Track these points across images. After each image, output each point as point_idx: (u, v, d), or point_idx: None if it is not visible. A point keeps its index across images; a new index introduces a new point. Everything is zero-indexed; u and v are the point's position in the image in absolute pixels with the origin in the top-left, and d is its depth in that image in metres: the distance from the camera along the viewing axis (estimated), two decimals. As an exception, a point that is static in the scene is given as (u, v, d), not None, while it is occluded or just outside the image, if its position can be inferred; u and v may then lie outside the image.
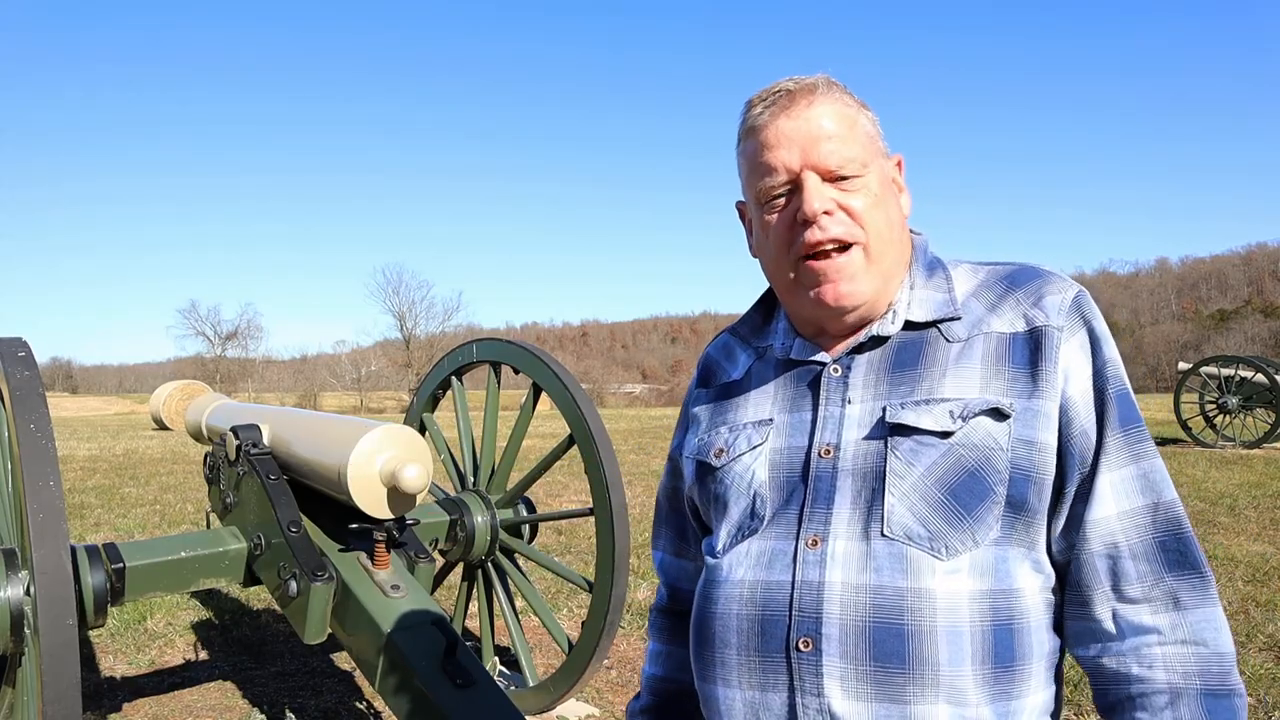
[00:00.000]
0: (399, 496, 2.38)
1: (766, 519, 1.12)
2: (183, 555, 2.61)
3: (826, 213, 1.09)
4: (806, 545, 1.06)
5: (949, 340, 1.12)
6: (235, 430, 2.77)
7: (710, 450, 1.22)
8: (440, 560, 3.55)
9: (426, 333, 70.31)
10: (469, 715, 1.96)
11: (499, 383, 3.82)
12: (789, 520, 1.10)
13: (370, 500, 2.36)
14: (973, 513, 1.03)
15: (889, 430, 1.07)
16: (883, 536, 1.03)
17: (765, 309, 1.31)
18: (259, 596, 5.60)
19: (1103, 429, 1.05)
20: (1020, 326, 1.09)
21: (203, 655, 4.65)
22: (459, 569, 3.82)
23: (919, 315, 1.14)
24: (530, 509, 3.56)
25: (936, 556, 1.02)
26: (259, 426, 2.79)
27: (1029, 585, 1.04)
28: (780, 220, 1.14)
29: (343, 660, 4.45)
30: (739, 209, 1.27)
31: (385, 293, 73.61)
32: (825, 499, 1.08)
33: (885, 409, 1.09)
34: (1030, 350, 1.07)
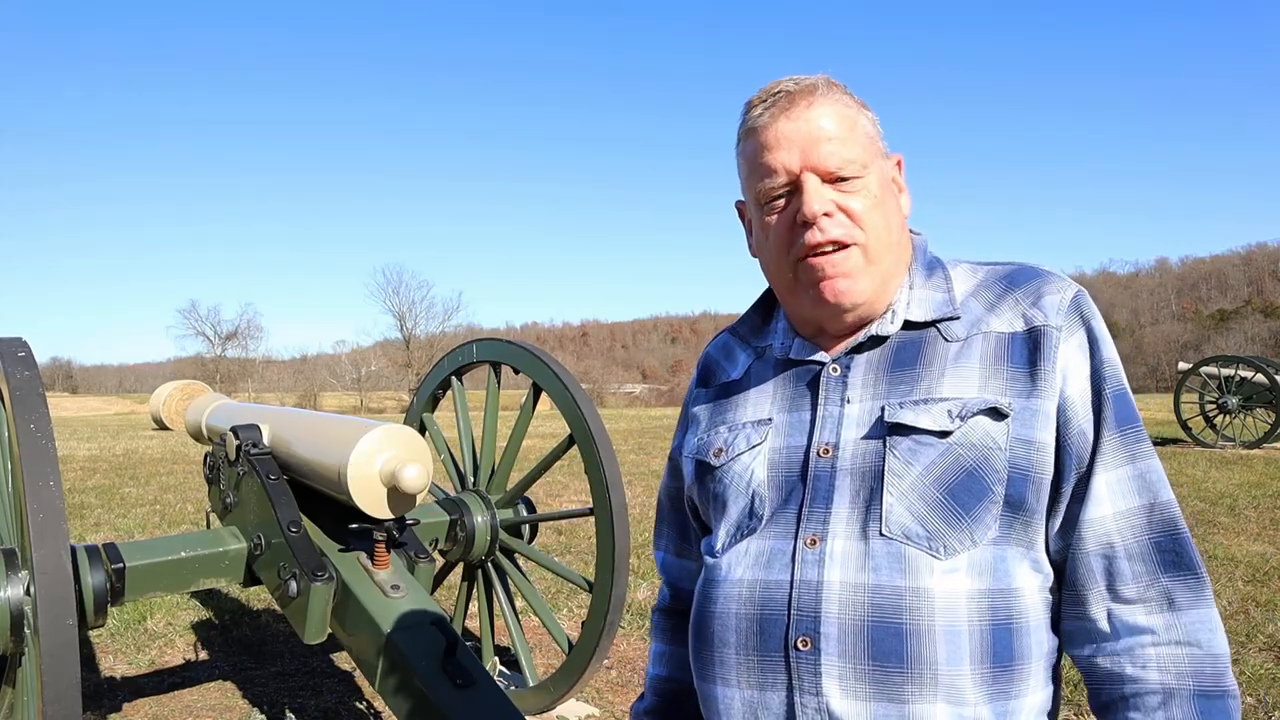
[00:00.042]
0: (399, 496, 2.38)
1: (765, 518, 1.12)
2: (183, 555, 2.61)
3: (826, 214, 1.09)
4: (805, 544, 1.06)
5: (948, 340, 1.12)
6: (235, 430, 2.77)
7: (709, 450, 1.22)
8: (440, 560, 3.56)
9: (426, 333, 70.36)
10: (469, 715, 1.96)
11: (499, 383, 3.82)
12: (788, 519, 1.10)
13: (370, 500, 2.36)
14: (971, 512, 1.03)
15: (887, 430, 1.07)
16: (881, 536, 1.03)
17: (765, 309, 1.31)
18: (259, 596, 5.60)
19: (1100, 429, 1.05)
20: (1019, 326, 1.10)
21: (203, 655, 4.65)
22: (459, 569, 3.82)
23: (918, 315, 1.14)
24: (530, 509, 3.56)
25: (935, 556, 1.02)
26: (259, 426, 2.79)
27: (1027, 585, 1.04)
28: (780, 221, 1.14)
29: (343, 660, 4.45)
30: (738, 208, 1.27)
31: (385, 293, 73.78)
32: (824, 498, 1.08)
33: (884, 408, 1.09)
34: (1029, 350, 1.07)
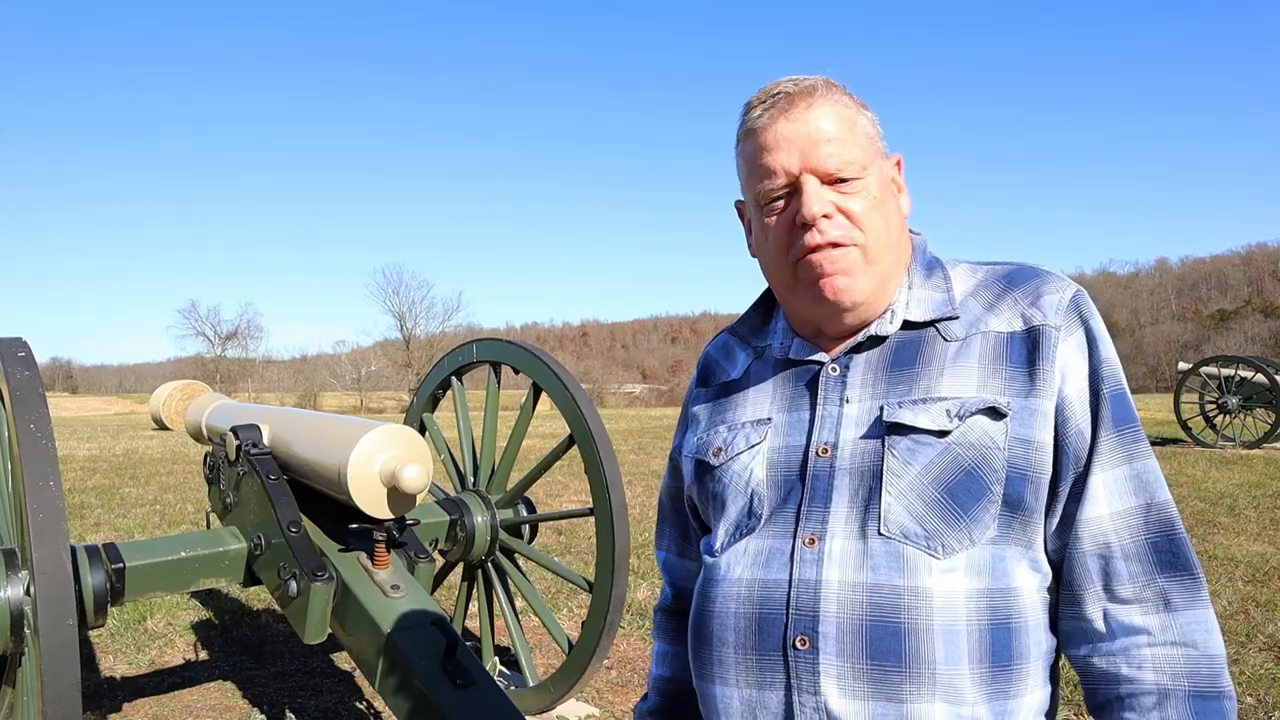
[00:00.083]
0: (399, 496, 2.38)
1: (764, 518, 1.12)
2: (183, 555, 2.61)
3: (825, 216, 1.09)
4: (804, 544, 1.06)
5: (947, 339, 1.12)
6: (235, 430, 2.78)
7: (709, 449, 1.22)
8: (440, 560, 3.56)
9: (426, 333, 70.34)
10: (469, 715, 1.96)
11: (499, 383, 3.82)
12: (786, 519, 1.10)
13: (370, 500, 2.36)
14: (969, 511, 1.03)
15: (886, 429, 1.07)
16: (879, 535, 1.03)
17: (764, 309, 1.32)
18: (259, 596, 5.60)
19: (1097, 429, 1.05)
20: (1018, 326, 1.10)
21: (203, 655, 4.65)
22: (459, 569, 3.82)
23: (917, 315, 1.14)
24: (530, 509, 3.56)
25: (933, 555, 1.02)
26: (259, 426, 2.79)
27: (1026, 584, 1.04)
28: (779, 223, 1.14)
29: (343, 660, 4.45)
30: (738, 208, 1.27)
31: (385, 293, 73.68)
32: (822, 498, 1.08)
33: (883, 408, 1.09)
34: (1028, 349, 1.07)
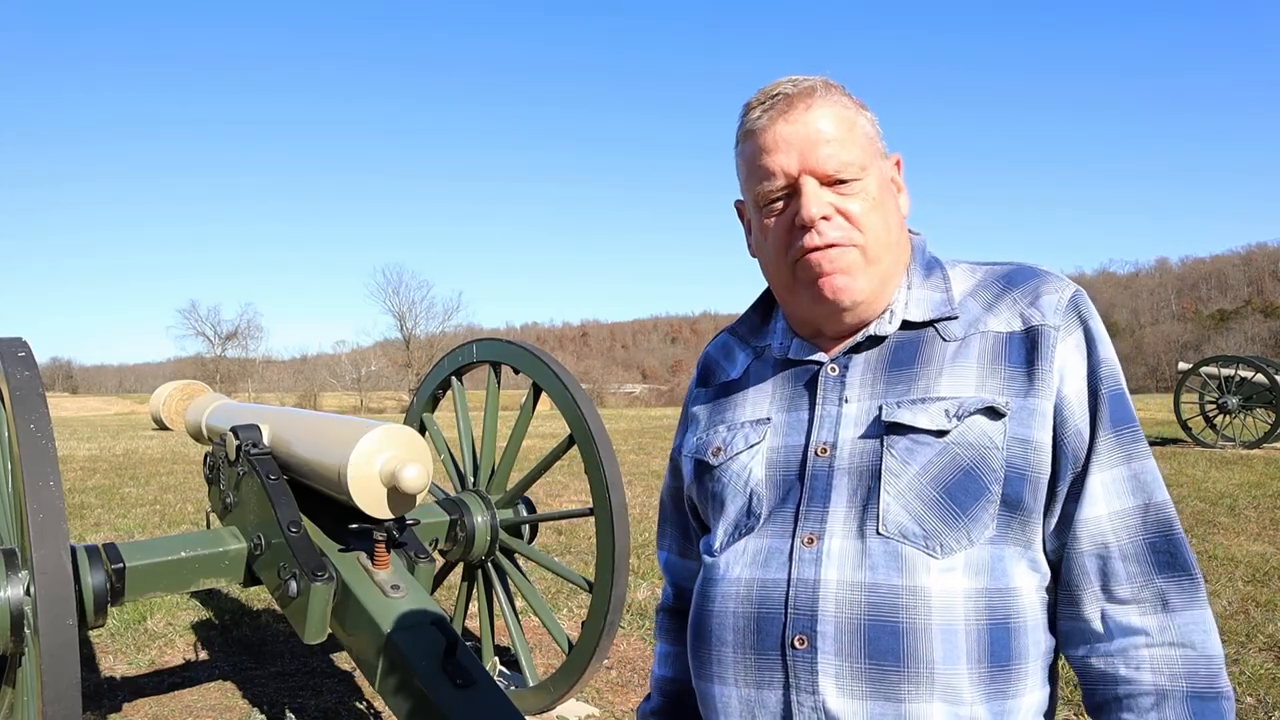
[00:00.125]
0: (399, 496, 2.38)
1: (763, 517, 1.12)
2: (183, 555, 2.61)
3: (824, 218, 1.09)
4: (802, 543, 1.07)
5: (945, 339, 1.12)
6: (235, 430, 2.78)
7: (708, 449, 1.23)
8: (440, 560, 3.56)
9: (426, 333, 70.39)
10: (469, 715, 1.96)
11: (499, 383, 3.82)
12: (785, 518, 1.10)
13: (370, 500, 2.36)
14: (968, 511, 1.03)
15: (885, 429, 1.07)
16: (878, 535, 1.04)
17: (764, 309, 1.32)
18: (259, 596, 5.60)
19: (1095, 429, 1.05)
20: (1017, 326, 1.10)
21: (203, 655, 4.65)
22: (459, 569, 3.83)
23: (916, 315, 1.14)
24: (530, 509, 3.56)
25: (931, 555, 1.02)
26: (259, 426, 2.80)
27: (1025, 584, 1.04)
28: (779, 224, 1.14)
29: (343, 660, 4.45)
30: (738, 208, 1.27)
31: (385, 293, 73.75)
32: (821, 497, 1.08)
33: (881, 408, 1.09)
34: (1026, 349, 1.08)
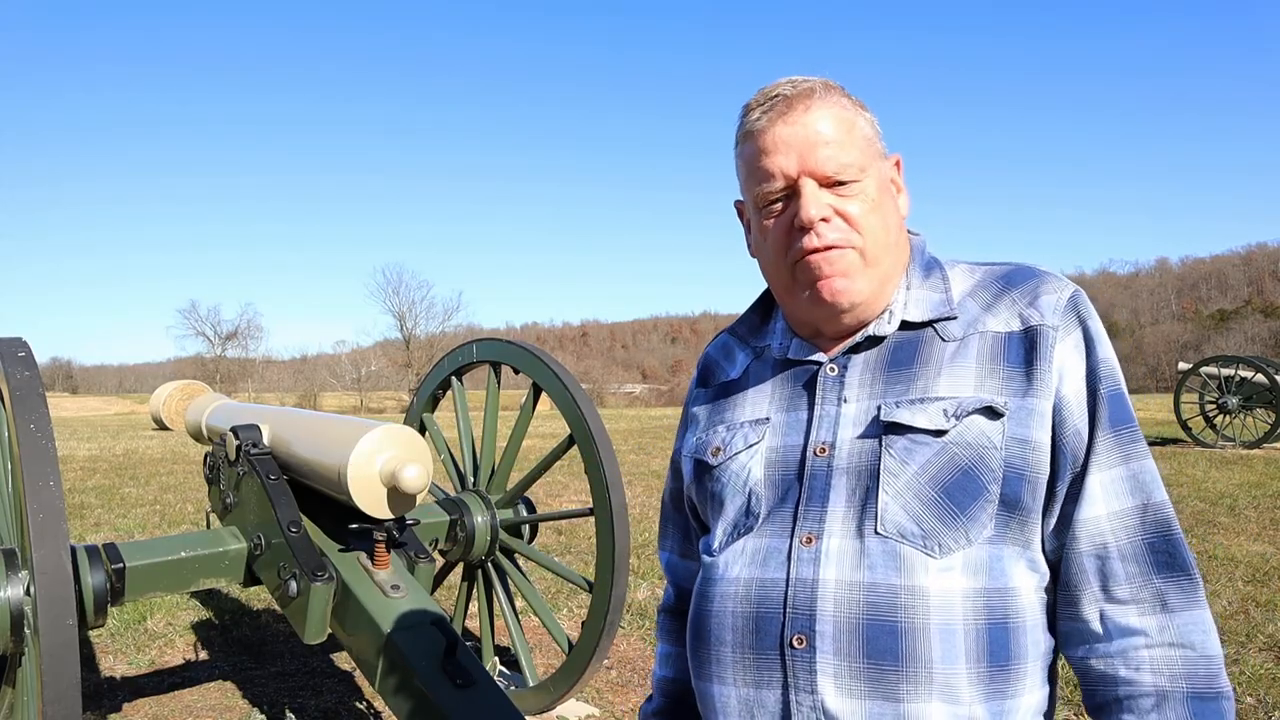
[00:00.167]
0: (399, 496, 2.38)
1: (762, 517, 1.13)
2: (183, 555, 2.61)
3: (823, 220, 1.09)
4: (801, 543, 1.07)
5: (944, 339, 1.12)
6: (235, 430, 2.78)
7: (707, 449, 1.23)
8: (440, 560, 3.56)
9: (426, 333, 70.41)
10: (469, 715, 1.96)
11: (499, 383, 3.82)
12: (784, 518, 1.10)
13: (370, 500, 2.36)
14: (966, 511, 1.03)
15: (883, 429, 1.07)
16: (876, 534, 1.04)
17: (763, 309, 1.32)
18: (259, 596, 5.60)
19: (1094, 429, 1.05)
20: (1015, 326, 1.10)
21: (203, 655, 4.65)
22: (459, 569, 3.83)
23: (915, 315, 1.14)
24: (530, 509, 3.56)
25: (930, 554, 1.02)
26: (259, 426, 2.80)
27: (1024, 584, 1.04)
28: (778, 225, 1.14)
29: (343, 660, 4.45)
30: (737, 208, 1.27)
31: (385, 293, 73.77)
32: (820, 497, 1.08)
33: (880, 408, 1.09)
34: (1025, 349, 1.08)
